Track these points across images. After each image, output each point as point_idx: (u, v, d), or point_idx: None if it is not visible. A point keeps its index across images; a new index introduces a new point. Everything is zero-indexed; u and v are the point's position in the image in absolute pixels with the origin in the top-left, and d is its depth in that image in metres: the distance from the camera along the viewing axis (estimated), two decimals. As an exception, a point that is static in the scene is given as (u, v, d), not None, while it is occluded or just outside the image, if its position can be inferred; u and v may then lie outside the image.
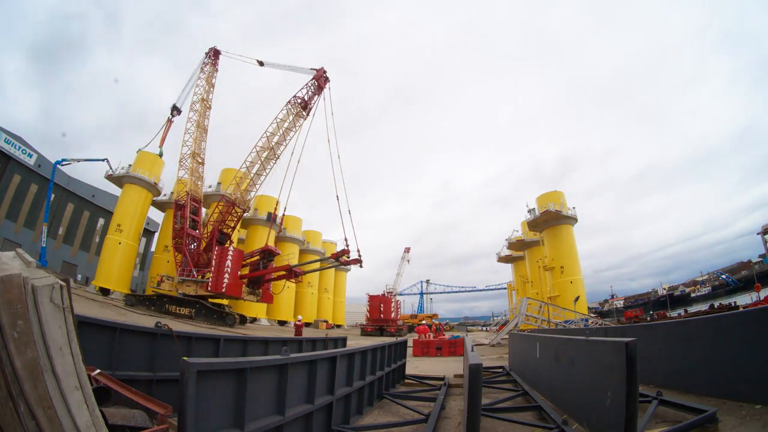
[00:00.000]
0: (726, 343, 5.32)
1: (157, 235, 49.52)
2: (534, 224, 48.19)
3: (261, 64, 35.91)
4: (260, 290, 30.95)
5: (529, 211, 48.73)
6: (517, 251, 59.10)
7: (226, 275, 27.72)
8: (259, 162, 30.79)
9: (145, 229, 52.76)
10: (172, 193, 47.16)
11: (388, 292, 58.97)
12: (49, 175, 39.36)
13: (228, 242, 32.15)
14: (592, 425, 4.21)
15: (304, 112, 30.32)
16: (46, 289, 1.83)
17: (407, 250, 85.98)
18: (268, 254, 30.50)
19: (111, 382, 3.11)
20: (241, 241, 47.14)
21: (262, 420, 3.19)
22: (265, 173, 31.25)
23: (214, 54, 36.68)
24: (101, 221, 48.75)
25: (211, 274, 28.26)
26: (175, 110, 38.93)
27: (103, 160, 40.39)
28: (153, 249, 49.51)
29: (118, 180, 42.15)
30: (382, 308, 44.46)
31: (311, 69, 30.91)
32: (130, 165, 41.96)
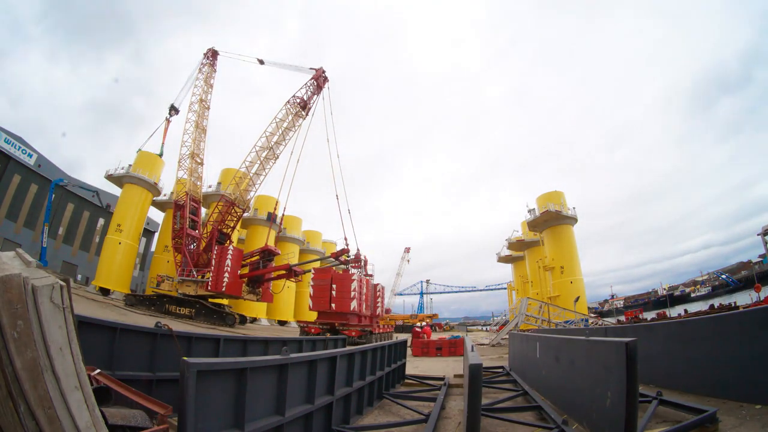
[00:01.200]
0: (726, 343, 5.32)
1: (157, 235, 49.52)
2: (534, 224, 48.20)
3: (261, 62, 35.85)
4: (260, 290, 30.93)
5: (529, 211, 48.75)
6: (517, 251, 59.09)
7: (226, 274, 27.50)
8: (259, 162, 30.67)
9: (145, 229, 52.79)
10: (172, 193, 47.23)
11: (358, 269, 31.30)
12: (49, 175, 39.47)
13: (228, 242, 31.83)
14: (592, 425, 4.21)
15: (303, 112, 30.30)
16: (46, 289, 1.83)
17: (407, 250, 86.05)
18: (267, 254, 30.45)
19: (111, 382, 3.11)
20: (241, 241, 47.14)
21: (262, 420, 3.19)
22: (264, 173, 31.16)
23: (212, 55, 36.57)
24: (101, 221, 48.76)
25: (211, 274, 28.15)
26: (173, 110, 38.73)
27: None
28: (153, 249, 49.47)
29: (118, 180, 42.11)
30: (333, 292, 24.25)
31: (311, 68, 30.99)
32: (130, 165, 41.74)
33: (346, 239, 27.96)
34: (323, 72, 30.91)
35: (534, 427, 4.99)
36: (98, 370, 3.26)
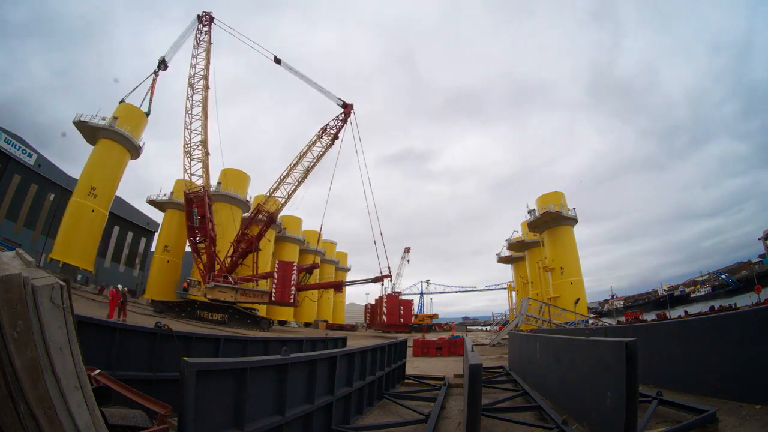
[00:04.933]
0: (726, 343, 5.32)
1: (156, 235, 49.45)
2: (534, 225, 48.18)
3: (277, 61, 33.79)
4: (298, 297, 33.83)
5: (529, 212, 48.72)
6: (517, 252, 59.07)
7: (293, 288, 31.54)
8: (294, 184, 33.19)
9: (145, 229, 52.86)
10: (172, 193, 47.26)
11: (395, 292, 55.77)
12: (50, 175, 39.39)
13: (257, 250, 33.61)
14: (592, 425, 4.20)
15: (333, 141, 33.02)
16: (46, 289, 1.83)
17: (407, 249, 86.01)
18: (311, 268, 35.20)
19: (111, 382, 3.11)
20: (241, 241, 47.12)
21: (262, 420, 3.19)
22: (297, 191, 33.63)
23: (209, 20, 33.48)
24: (101, 221, 48.66)
25: (275, 286, 31.29)
26: (163, 64, 34.94)
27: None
28: (153, 249, 49.42)
29: (91, 132, 35.60)
30: (402, 311, 42.96)
31: (339, 99, 32.86)
32: (113, 118, 35.63)
33: (389, 268, 33.12)
34: (352, 108, 32.80)
35: (534, 427, 4.99)
36: (98, 370, 3.26)
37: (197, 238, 31.45)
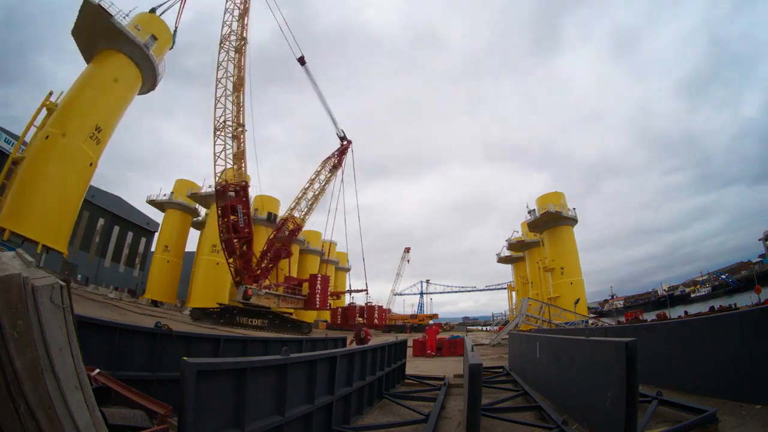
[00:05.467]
0: (726, 343, 5.32)
1: (156, 235, 49.45)
2: (534, 225, 48.20)
3: (302, 62, 32.77)
4: None
5: (529, 212, 48.74)
6: (517, 252, 59.07)
7: (329, 297, 37.28)
8: (312, 198, 36.01)
9: (145, 229, 52.86)
10: (172, 193, 47.30)
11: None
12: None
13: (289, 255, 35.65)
14: (592, 425, 4.20)
15: (335, 169, 36.63)
16: (46, 289, 1.83)
17: (407, 250, 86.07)
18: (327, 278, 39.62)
19: (111, 382, 3.11)
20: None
21: (262, 420, 3.19)
22: (316, 201, 36.37)
23: None
24: (101, 221, 48.64)
25: (318, 295, 34.82)
26: None
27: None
28: (153, 249, 49.43)
29: (91, 39, 25.23)
30: (376, 315, 50.43)
31: (342, 129, 36.67)
32: (134, 26, 26.83)
33: (366, 285, 41.82)
34: (350, 143, 36.89)
35: (534, 427, 4.99)
36: (98, 370, 3.26)
37: (232, 239, 29.31)
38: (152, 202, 47.45)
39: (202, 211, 48.67)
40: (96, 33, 25.25)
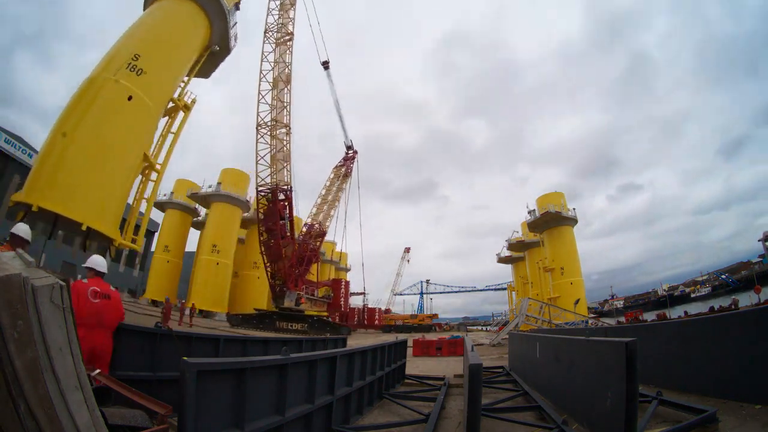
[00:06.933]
0: (726, 343, 5.32)
1: (156, 235, 49.41)
2: (534, 225, 48.21)
3: (326, 66, 33.02)
4: None
5: (529, 212, 48.74)
6: (517, 252, 59.08)
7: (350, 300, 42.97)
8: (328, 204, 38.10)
9: (146, 229, 52.78)
10: (172, 192, 47.26)
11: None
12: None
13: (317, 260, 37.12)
14: (592, 425, 4.20)
15: (347, 177, 39.32)
16: (46, 289, 1.83)
17: (407, 250, 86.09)
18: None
19: (111, 382, 3.11)
20: (241, 241, 47.22)
21: (262, 420, 3.19)
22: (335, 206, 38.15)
23: None
24: (101, 221, 48.62)
25: (342, 298, 38.22)
26: None
27: None
28: (153, 249, 49.38)
29: None
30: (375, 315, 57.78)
31: (350, 140, 39.91)
32: None
33: (364, 288, 45.75)
34: (356, 153, 39.74)
35: (534, 427, 4.99)
36: (98, 370, 3.26)
37: (279, 244, 28.81)
38: (153, 204, 47.35)
39: (202, 211, 48.67)
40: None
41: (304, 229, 35.89)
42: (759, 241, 40.89)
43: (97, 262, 4.43)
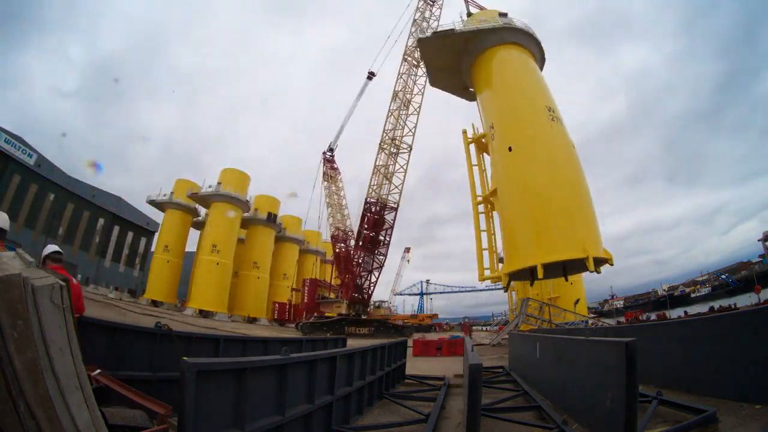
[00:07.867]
0: (726, 343, 5.32)
1: (156, 235, 49.41)
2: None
3: (371, 77, 33.98)
4: None
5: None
6: (517, 251, 58.83)
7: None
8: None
9: (145, 229, 52.88)
10: (172, 193, 47.22)
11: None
12: (49, 175, 39.40)
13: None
14: (592, 425, 4.21)
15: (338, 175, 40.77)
16: (46, 289, 1.82)
17: (407, 250, 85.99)
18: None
19: (111, 382, 3.11)
20: (240, 240, 47.14)
21: (262, 420, 3.19)
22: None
23: None
24: (101, 221, 48.67)
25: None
26: None
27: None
28: (153, 249, 49.40)
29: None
30: None
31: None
32: None
33: None
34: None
35: (534, 427, 4.99)
36: (98, 370, 3.27)
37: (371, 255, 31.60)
38: (152, 202, 47.38)
39: (202, 211, 48.62)
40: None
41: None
42: (759, 240, 40.93)
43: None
